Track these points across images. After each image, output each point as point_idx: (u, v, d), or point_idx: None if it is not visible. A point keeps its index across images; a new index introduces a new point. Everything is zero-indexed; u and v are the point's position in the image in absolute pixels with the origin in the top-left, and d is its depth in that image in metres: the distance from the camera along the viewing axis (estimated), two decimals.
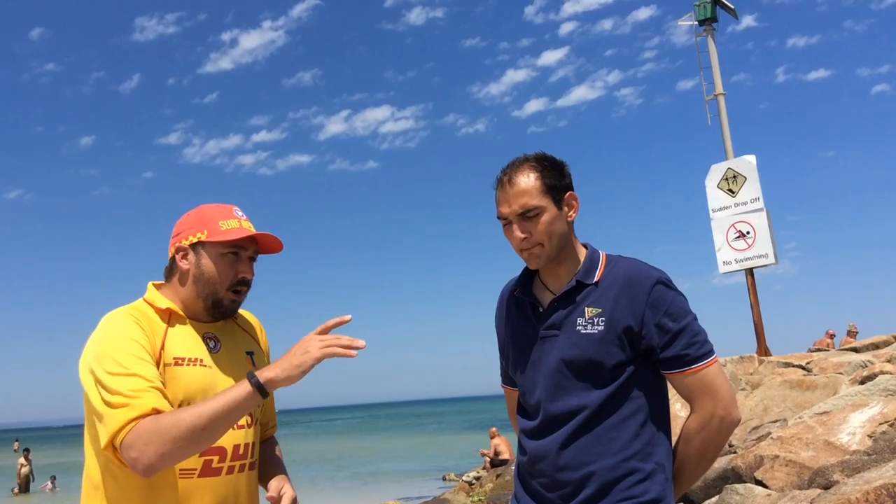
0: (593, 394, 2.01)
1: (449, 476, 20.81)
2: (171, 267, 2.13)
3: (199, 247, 2.07)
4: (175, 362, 1.97)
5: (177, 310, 2.06)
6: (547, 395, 2.06)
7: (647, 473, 1.99)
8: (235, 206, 2.16)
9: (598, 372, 2.01)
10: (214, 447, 1.97)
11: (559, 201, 2.07)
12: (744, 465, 6.05)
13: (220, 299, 2.08)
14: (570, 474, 2.01)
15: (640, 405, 2.03)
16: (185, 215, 2.15)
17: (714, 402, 2.00)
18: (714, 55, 14.36)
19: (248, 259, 2.10)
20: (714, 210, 13.10)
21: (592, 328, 2.02)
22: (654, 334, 2.00)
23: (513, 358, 2.20)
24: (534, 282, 2.19)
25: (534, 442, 2.10)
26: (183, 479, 1.95)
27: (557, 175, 2.09)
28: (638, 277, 2.03)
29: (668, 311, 2.00)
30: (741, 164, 13.02)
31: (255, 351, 2.21)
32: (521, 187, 2.05)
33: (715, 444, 2.05)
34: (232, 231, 2.06)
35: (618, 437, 2.00)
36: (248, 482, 2.08)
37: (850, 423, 5.91)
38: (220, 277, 2.06)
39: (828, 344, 16.51)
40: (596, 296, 2.05)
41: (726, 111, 14.16)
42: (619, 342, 2.00)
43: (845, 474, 4.79)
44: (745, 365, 10.20)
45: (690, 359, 2.00)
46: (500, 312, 2.28)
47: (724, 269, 13.02)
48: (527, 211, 2.04)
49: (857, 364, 8.79)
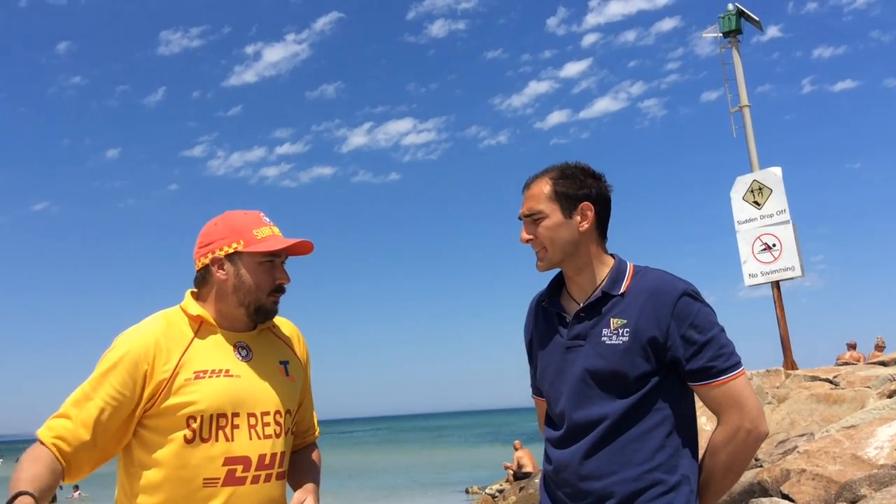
0: (616, 403, 2.01)
1: (472, 489, 20.76)
2: (203, 277, 2.15)
3: (235, 257, 2.10)
4: (196, 376, 2.00)
5: (209, 318, 2.09)
6: (571, 405, 2.07)
7: (671, 485, 1.99)
8: (260, 211, 2.19)
9: (621, 382, 2.01)
10: (238, 456, 2.00)
11: (568, 209, 2.10)
12: (770, 479, 5.99)
13: (262, 305, 2.12)
14: (592, 484, 2.01)
15: (664, 416, 2.02)
16: (210, 224, 2.16)
17: (741, 414, 2.00)
18: (739, 67, 14.28)
19: (281, 265, 2.14)
20: (739, 222, 12.99)
21: (617, 339, 2.02)
22: (679, 346, 2.00)
23: (540, 368, 2.22)
24: (561, 292, 2.21)
25: (558, 451, 2.10)
26: (207, 488, 1.97)
27: (574, 185, 2.12)
28: (664, 289, 2.04)
29: (694, 322, 2.00)
30: (767, 175, 12.92)
31: (290, 360, 2.22)
32: (532, 192, 2.14)
33: (742, 457, 2.04)
34: (270, 241, 2.10)
35: (641, 448, 2.00)
36: (275, 492, 2.09)
37: (878, 437, 5.84)
38: (261, 285, 2.10)
39: (851, 356, 16.28)
40: (622, 307, 2.06)
41: (752, 123, 14.08)
42: (644, 353, 2.00)
43: (873, 488, 4.74)
44: (772, 378, 10.10)
45: (717, 371, 2.00)
46: (528, 322, 2.30)
47: (749, 281, 12.90)
48: (531, 214, 2.13)
49: (884, 378, 8.68)
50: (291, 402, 2.18)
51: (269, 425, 2.07)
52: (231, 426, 2.01)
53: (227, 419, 2.00)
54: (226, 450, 1.99)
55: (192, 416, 1.97)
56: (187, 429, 1.97)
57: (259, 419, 2.05)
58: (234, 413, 2.01)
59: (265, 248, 2.08)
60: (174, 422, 1.97)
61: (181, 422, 1.97)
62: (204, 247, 2.14)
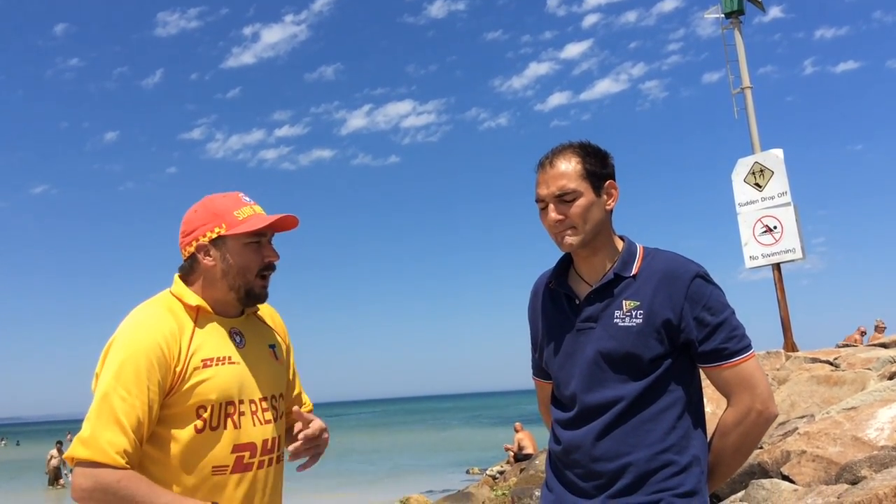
0: (630, 386, 2.01)
1: (473, 470, 20.88)
2: (191, 265, 2.12)
3: (220, 241, 2.07)
4: (204, 364, 1.99)
5: (205, 306, 2.08)
6: (583, 387, 2.07)
7: (682, 466, 2.00)
8: (240, 191, 2.16)
9: (635, 364, 2.01)
10: (246, 443, 2.01)
11: (598, 188, 2.08)
12: (770, 461, 6.01)
13: (251, 288, 2.10)
14: (605, 465, 2.01)
15: (676, 398, 2.03)
16: (190, 211, 2.14)
17: (752, 396, 2.00)
18: (741, 48, 14.20)
19: (268, 243, 2.12)
20: (740, 204, 12.96)
21: (630, 321, 2.02)
22: (692, 328, 2.00)
23: (547, 350, 2.20)
24: (569, 273, 2.20)
25: (569, 432, 2.10)
26: (216, 476, 1.98)
27: (599, 163, 2.10)
28: (677, 271, 2.04)
29: (707, 304, 2.01)
30: (768, 157, 12.88)
31: (276, 343, 2.23)
32: (560, 170, 2.07)
33: (752, 438, 2.05)
34: (251, 221, 2.07)
35: (654, 429, 2.00)
36: (275, 475, 2.11)
37: (879, 419, 5.85)
38: (249, 266, 2.08)
39: (856, 340, 16.33)
40: (634, 289, 2.05)
41: (753, 105, 14.01)
42: (658, 335, 2.01)
43: (873, 469, 4.75)
44: (772, 360, 10.11)
45: (729, 352, 2.00)
46: (533, 304, 2.29)
47: (750, 264, 12.89)
48: (564, 194, 2.06)
49: (885, 360, 8.69)
50: (283, 386, 2.21)
51: (268, 410, 2.09)
52: (238, 413, 2.01)
53: (235, 407, 2.01)
54: (234, 437, 2.00)
55: (203, 405, 1.97)
56: (198, 418, 1.97)
57: (258, 405, 2.06)
58: (239, 400, 2.02)
59: (248, 228, 2.06)
60: (185, 412, 1.97)
61: (192, 412, 1.97)
62: (187, 235, 2.11)
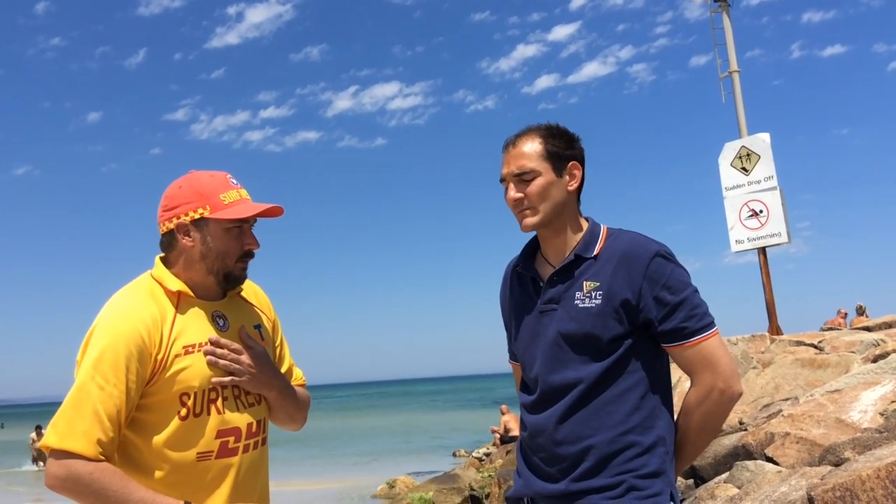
0: (591, 367, 2.00)
1: (459, 452, 20.95)
2: (169, 242, 2.07)
3: (201, 223, 2.02)
4: (185, 351, 1.96)
5: (186, 291, 2.03)
6: (545, 369, 2.06)
7: (646, 447, 1.99)
8: (227, 172, 2.10)
9: (595, 345, 2.00)
10: (230, 428, 1.98)
11: (559, 169, 2.08)
12: (754, 442, 6.06)
13: (230, 272, 2.06)
14: (567, 448, 2.00)
15: (639, 379, 2.02)
16: (174, 186, 2.07)
17: (714, 374, 1.99)
18: (729, 32, 14.20)
19: (250, 230, 2.07)
20: (727, 188, 13.01)
21: (590, 302, 2.01)
22: (651, 307, 1.99)
23: (514, 332, 2.21)
24: (536, 256, 2.19)
25: (533, 416, 2.10)
26: (201, 462, 1.95)
27: (564, 144, 2.10)
28: (636, 251, 2.02)
29: (667, 283, 1.99)
30: (755, 142, 12.91)
31: (261, 324, 2.19)
32: (521, 150, 2.09)
33: (715, 417, 2.04)
34: (237, 208, 2.02)
35: (616, 410, 1.99)
36: (261, 458, 2.09)
37: (862, 401, 5.91)
38: (229, 252, 2.04)
39: (839, 323, 16.47)
40: (595, 269, 2.05)
41: (741, 88, 14.02)
42: (617, 315, 1.99)
43: (856, 451, 4.78)
44: (757, 343, 10.18)
45: (689, 331, 1.99)
46: (503, 288, 2.29)
47: (736, 247, 12.96)
48: (523, 173, 2.07)
49: (869, 343, 8.77)
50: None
51: (251, 393, 2.06)
52: (221, 398, 1.98)
53: (218, 392, 1.98)
54: (218, 423, 1.97)
55: (186, 392, 1.93)
56: (182, 406, 1.93)
57: (241, 388, 2.03)
58: (223, 385, 1.99)
59: (232, 215, 2.01)
60: (168, 399, 1.93)
61: (175, 399, 1.93)
62: (168, 210, 2.05)
